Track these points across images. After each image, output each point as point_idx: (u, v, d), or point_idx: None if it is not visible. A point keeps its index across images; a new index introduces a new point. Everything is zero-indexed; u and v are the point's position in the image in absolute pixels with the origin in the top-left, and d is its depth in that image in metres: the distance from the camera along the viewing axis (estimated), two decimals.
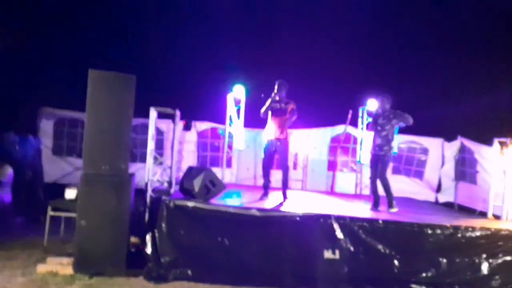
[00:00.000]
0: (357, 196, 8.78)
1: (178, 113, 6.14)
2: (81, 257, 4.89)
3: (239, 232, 5.17)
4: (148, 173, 5.99)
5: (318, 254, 5.12)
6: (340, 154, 10.55)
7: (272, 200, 6.24)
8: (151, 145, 6.04)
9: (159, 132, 9.04)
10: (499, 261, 5.29)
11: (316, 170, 10.21)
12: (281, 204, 6.00)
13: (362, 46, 12.20)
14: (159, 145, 9.17)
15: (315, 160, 10.23)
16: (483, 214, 7.22)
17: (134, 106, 5.20)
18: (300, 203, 6.37)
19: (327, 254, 5.09)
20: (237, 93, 8.60)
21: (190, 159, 9.67)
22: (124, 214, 5.05)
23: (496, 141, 6.73)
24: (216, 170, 8.08)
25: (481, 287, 5.22)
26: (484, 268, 5.26)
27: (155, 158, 6.23)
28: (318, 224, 5.19)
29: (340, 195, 8.47)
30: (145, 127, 6.70)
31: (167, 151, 9.06)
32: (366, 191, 9.11)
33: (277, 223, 5.22)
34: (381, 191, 6.35)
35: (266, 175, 6.50)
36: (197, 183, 5.25)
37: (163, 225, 5.12)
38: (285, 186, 6.41)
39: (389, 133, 6.13)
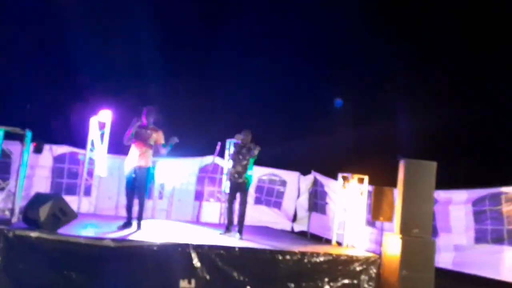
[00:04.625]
0: (221, 225, 8.94)
1: (28, 134, 5.60)
2: None
3: (90, 265, 4.85)
4: None
5: (174, 285, 5.06)
6: (207, 184, 10.74)
7: (132, 231, 6.01)
8: None
9: (6, 155, 8.11)
10: (339, 284, 5.88)
11: (182, 200, 10.18)
12: (137, 234, 5.79)
13: (227, 81, 12.89)
14: (6, 169, 8.25)
15: (182, 190, 10.21)
16: (328, 241, 8.03)
17: None
18: (162, 232, 6.26)
19: (183, 284, 5.07)
20: (102, 117, 8.23)
21: (42, 186, 8.79)
22: None
23: (340, 176, 7.59)
24: (72, 199, 7.52)
25: None
26: None
27: None
28: (176, 253, 5.16)
29: (205, 224, 8.56)
30: None
31: (14, 176, 8.13)
32: None
33: (133, 253, 5.04)
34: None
35: (129, 204, 6.26)
36: (43, 212, 4.78)
37: None
38: (140, 216, 6.23)
39: (248, 163, 6.63)
